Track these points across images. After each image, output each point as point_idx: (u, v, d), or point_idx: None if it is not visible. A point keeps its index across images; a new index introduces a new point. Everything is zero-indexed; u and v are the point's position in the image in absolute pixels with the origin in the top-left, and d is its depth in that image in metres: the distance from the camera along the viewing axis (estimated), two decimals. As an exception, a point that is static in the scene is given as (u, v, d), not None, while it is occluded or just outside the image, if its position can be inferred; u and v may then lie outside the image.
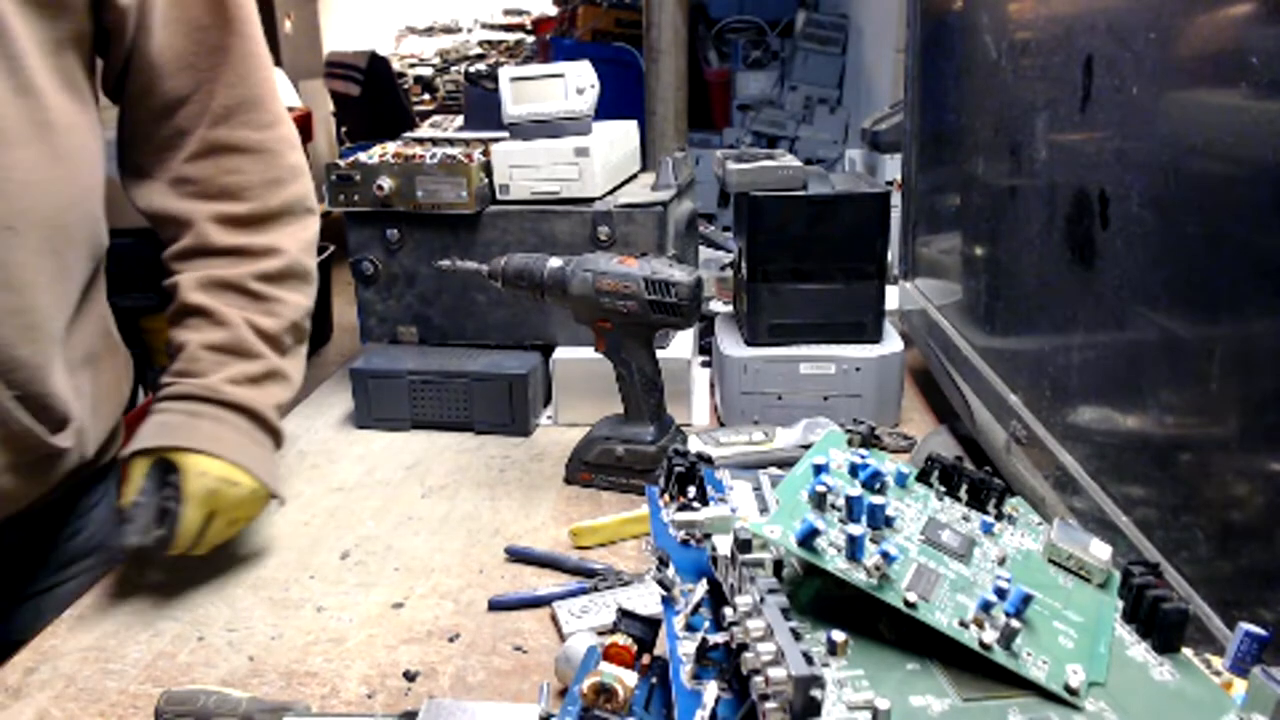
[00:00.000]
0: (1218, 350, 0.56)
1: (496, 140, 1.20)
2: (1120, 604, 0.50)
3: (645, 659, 0.52)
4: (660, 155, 1.39)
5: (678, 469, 0.57)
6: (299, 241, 0.92)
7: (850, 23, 2.93)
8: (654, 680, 0.52)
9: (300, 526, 0.96)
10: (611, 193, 1.20)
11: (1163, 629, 0.47)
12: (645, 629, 0.53)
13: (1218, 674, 0.46)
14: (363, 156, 1.19)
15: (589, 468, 1.01)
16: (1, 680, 0.73)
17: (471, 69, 5.65)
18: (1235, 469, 0.56)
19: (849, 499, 0.49)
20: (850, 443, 0.58)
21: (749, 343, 1.12)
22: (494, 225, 1.17)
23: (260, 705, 0.65)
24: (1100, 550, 0.52)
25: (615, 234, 1.14)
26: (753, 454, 1.00)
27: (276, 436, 0.90)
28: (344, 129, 5.82)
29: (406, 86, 6.71)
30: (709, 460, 0.59)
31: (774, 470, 0.57)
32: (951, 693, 0.43)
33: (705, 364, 1.29)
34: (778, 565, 0.47)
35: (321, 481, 1.05)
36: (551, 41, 3.68)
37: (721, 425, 1.13)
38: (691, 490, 0.56)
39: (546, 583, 0.84)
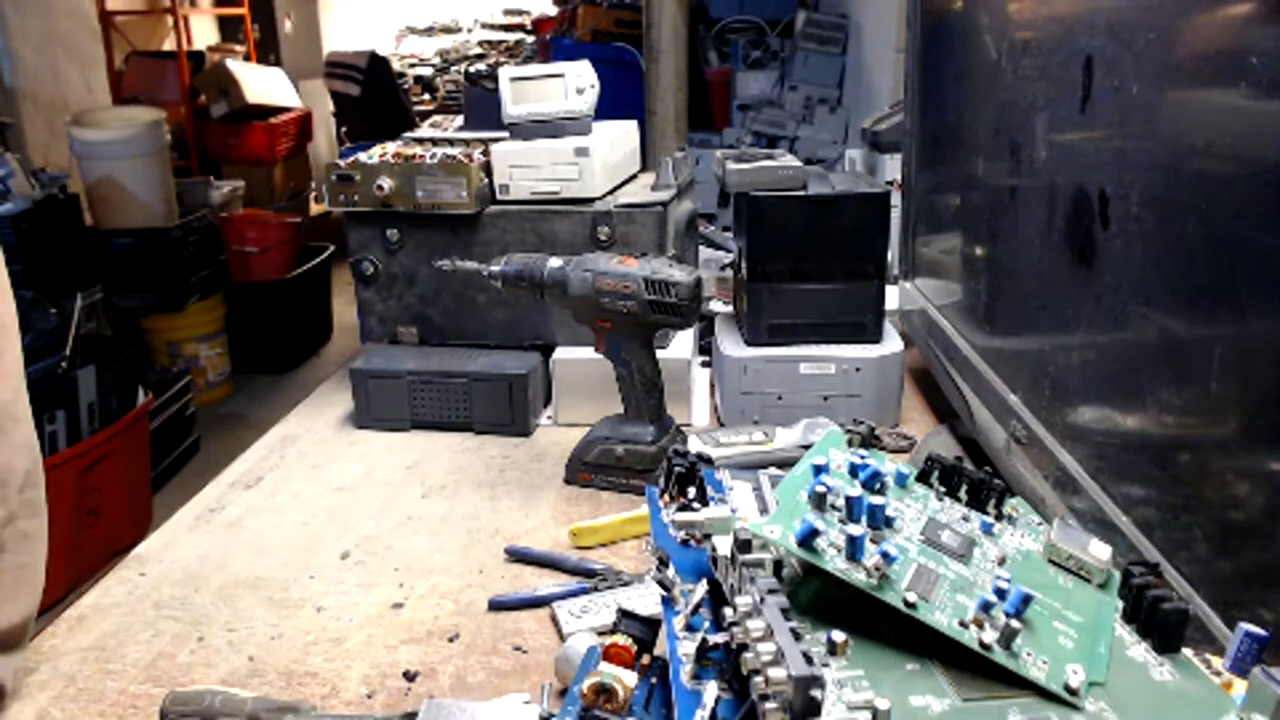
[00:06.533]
0: (1218, 350, 0.56)
1: (496, 140, 1.20)
2: (1120, 604, 0.50)
3: (645, 659, 0.52)
4: (660, 155, 1.39)
5: (678, 469, 0.57)
6: None
7: (850, 23, 2.93)
8: (654, 680, 0.52)
9: (300, 526, 0.96)
10: (611, 193, 1.20)
11: (1163, 629, 0.47)
12: (645, 629, 0.53)
13: (1218, 674, 0.46)
14: (363, 156, 1.19)
15: (589, 468, 1.01)
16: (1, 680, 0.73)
17: (471, 69, 5.64)
18: (1235, 469, 0.56)
19: (849, 499, 0.49)
20: (850, 443, 0.58)
21: (749, 343, 1.12)
22: (494, 225, 1.17)
23: (266, 704, 0.65)
24: (1100, 550, 0.52)
25: (615, 234, 1.14)
26: (753, 454, 1.00)
27: None
28: (344, 129, 5.81)
29: (406, 86, 6.70)
30: (709, 460, 0.58)
31: (774, 470, 0.57)
32: (951, 693, 0.43)
33: (705, 364, 1.29)
34: (778, 565, 0.47)
35: (321, 481, 1.05)
36: (551, 41, 3.68)
37: (721, 425, 1.13)
38: (691, 490, 0.56)
39: (546, 583, 0.84)
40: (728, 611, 0.43)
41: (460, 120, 5.00)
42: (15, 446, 0.70)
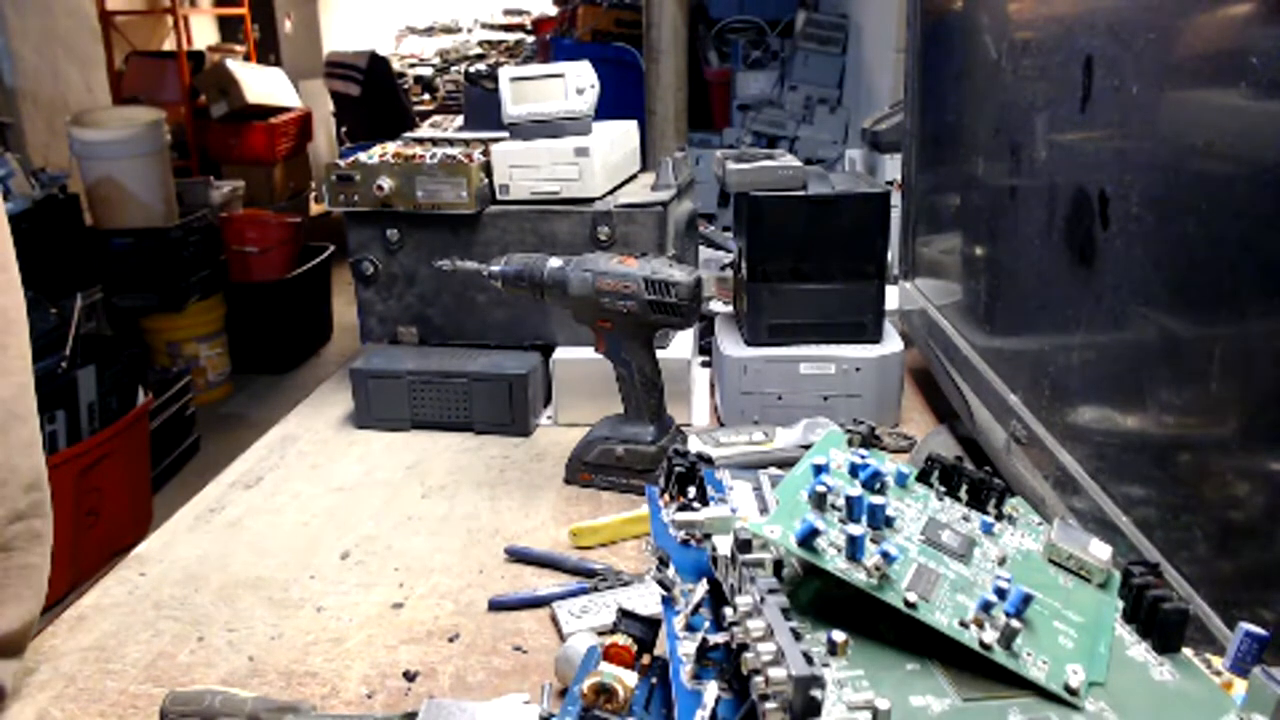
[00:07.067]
0: (1218, 350, 0.56)
1: (496, 140, 1.20)
2: (1120, 604, 0.50)
3: (645, 659, 0.52)
4: (660, 155, 1.39)
5: (678, 469, 0.57)
6: None
7: (850, 23, 2.93)
8: (654, 680, 0.52)
9: (300, 526, 0.96)
10: (611, 193, 1.20)
11: (1163, 629, 0.47)
12: (645, 629, 0.53)
13: (1218, 674, 0.46)
14: (363, 156, 1.19)
15: (589, 468, 1.01)
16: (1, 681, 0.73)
17: (471, 69, 5.64)
18: (1235, 469, 0.56)
19: (849, 499, 0.49)
20: (850, 443, 0.58)
21: (749, 343, 1.12)
22: (494, 225, 1.17)
23: (266, 704, 0.65)
24: (1100, 550, 0.52)
25: (615, 234, 1.14)
26: (753, 454, 1.00)
27: None
28: (344, 129, 5.81)
29: (406, 86, 6.70)
30: (709, 460, 0.58)
31: (774, 470, 0.57)
32: (951, 693, 0.43)
33: (705, 364, 1.29)
34: (778, 565, 0.47)
35: (321, 481, 1.05)
36: (551, 41, 3.68)
37: (721, 425, 1.13)
38: (691, 490, 0.56)
39: (546, 583, 0.84)
40: (728, 611, 0.43)
41: (460, 120, 5.00)
42: (17, 445, 0.70)
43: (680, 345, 1.17)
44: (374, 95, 5.31)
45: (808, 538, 0.45)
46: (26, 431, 0.71)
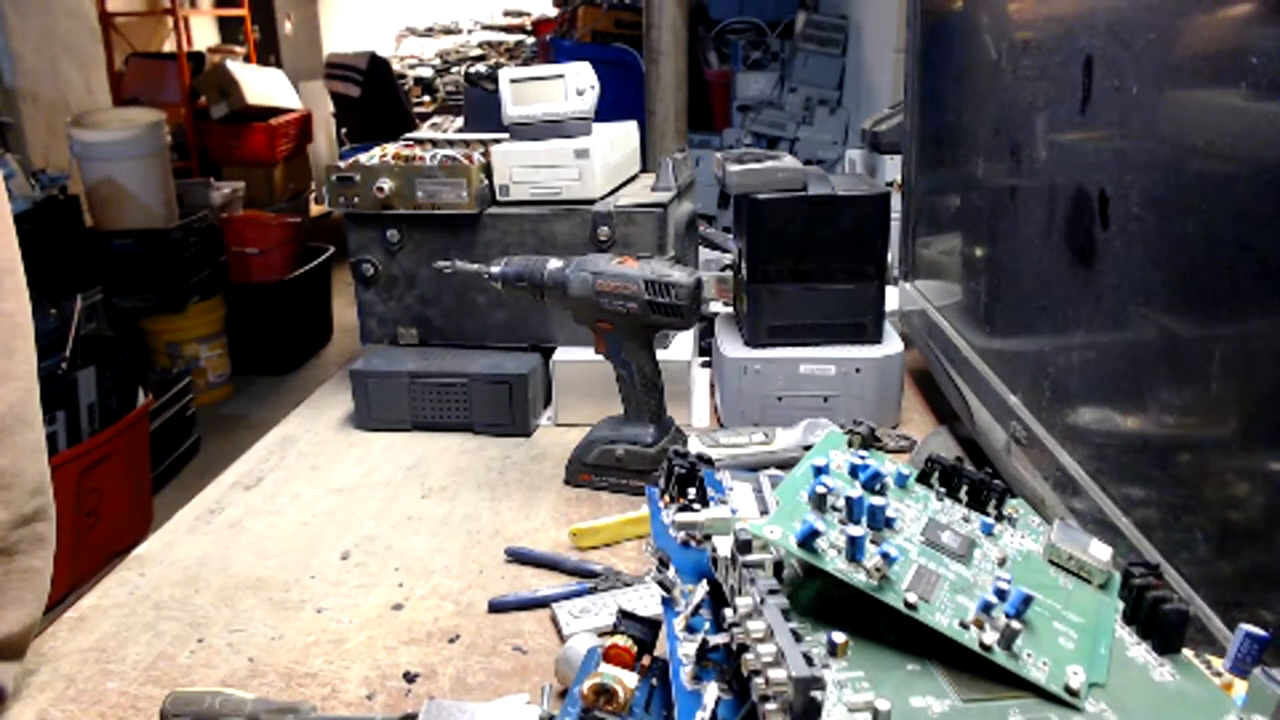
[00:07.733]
0: (1218, 350, 0.56)
1: (497, 141, 1.20)
2: (1121, 605, 0.50)
3: (645, 660, 0.52)
4: (660, 156, 1.39)
5: (678, 470, 0.57)
6: None
7: (850, 23, 2.93)
8: (654, 681, 0.52)
9: (300, 527, 0.96)
10: (612, 194, 1.20)
11: (1163, 630, 0.47)
12: (645, 630, 0.53)
13: (1218, 675, 0.46)
14: (363, 158, 1.19)
15: (589, 469, 1.01)
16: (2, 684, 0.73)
17: (471, 70, 5.65)
18: (1235, 469, 0.56)
19: (849, 500, 0.49)
20: (850, 444, 0.58)
21: (749, 344, 1.12)
22: (494, 226, 1.17)
23: (266, 705, 0.65)
24: (1100, 551, 0.52)
25: (615, 235, 1.14)
26: (753, 455, 1.00)
27: None
28: (344, 130, 5.82)
29: (406, 87, 6.70)
30: (709, 461, 0.58)
31: (774, 471, 0.57)
32: (952, 694, 0.43)
33: (705, 365, 1.29)
34: (778, 566, 0.47)
35: (321, 482, 1.05)
36: (551, 42, 3.69)
37: (721, 426, 1.13)
38: (692, 491, 0.56)
39: (546, 584, 0.84)
40: (728, 612, 0.43)
41: (460, 121, 5.00)
42: (23, 450, 0.70)
43: (680, 346, 1.17)
44: (374, 96, 5.32)
45: (808, 539, 0.45)
46: (33, 436, 0.71)
